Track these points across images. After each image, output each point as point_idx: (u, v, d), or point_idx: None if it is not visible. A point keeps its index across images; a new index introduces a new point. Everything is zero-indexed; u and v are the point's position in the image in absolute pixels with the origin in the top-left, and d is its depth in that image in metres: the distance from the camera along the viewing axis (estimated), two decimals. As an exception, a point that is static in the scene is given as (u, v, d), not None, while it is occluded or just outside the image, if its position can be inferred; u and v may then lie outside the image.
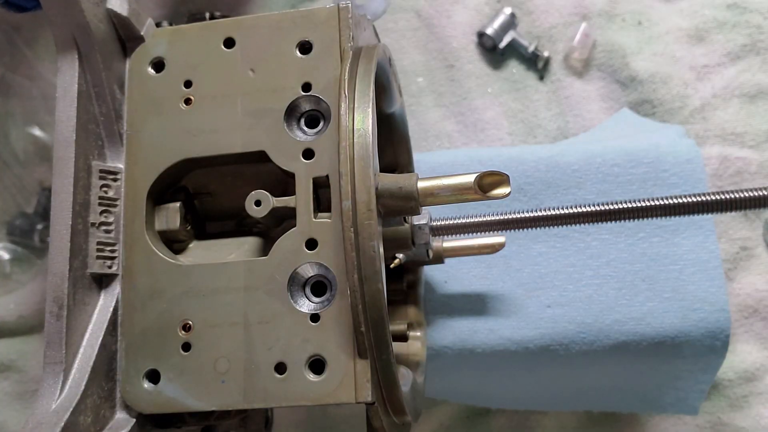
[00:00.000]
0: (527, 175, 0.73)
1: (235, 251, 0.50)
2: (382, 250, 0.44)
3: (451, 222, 0.61)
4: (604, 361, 0.70)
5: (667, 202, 0.55)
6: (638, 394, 0.75)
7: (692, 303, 0.68)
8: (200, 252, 0.51)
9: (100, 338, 0.46)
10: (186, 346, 0.46)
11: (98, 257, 0.48)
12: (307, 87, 0.48)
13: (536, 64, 0.92)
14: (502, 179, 0.42)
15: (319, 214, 0.47)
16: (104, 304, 0.48)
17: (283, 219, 0.49)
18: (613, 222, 0.57)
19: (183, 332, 0.47)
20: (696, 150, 0.73)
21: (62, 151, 0.47)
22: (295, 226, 0.46)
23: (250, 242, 0.51)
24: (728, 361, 0.74)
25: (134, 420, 0.46)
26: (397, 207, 0.44)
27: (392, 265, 0.61)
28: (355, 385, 0.43)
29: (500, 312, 0.71)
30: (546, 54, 0.91)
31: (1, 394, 0.86)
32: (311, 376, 0.44)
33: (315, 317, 0.45)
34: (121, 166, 0.50)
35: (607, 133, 0.85)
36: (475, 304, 0.72)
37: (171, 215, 0.49)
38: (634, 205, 0.56)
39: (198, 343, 0.46)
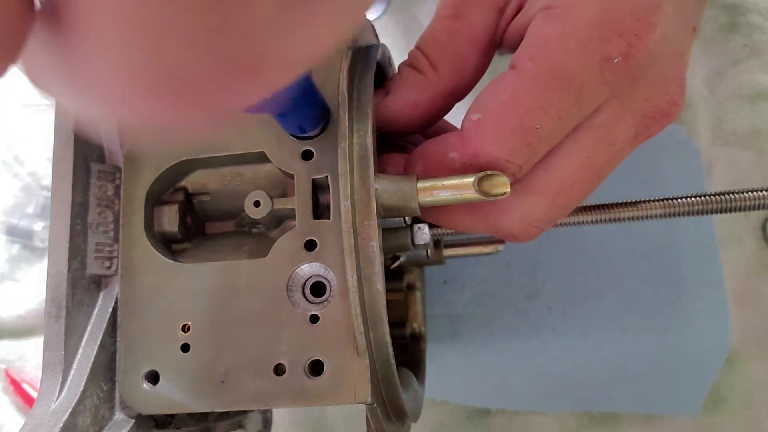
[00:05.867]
0: (527, 175, 0.73)
1: (234, 252, 0.50)
2: (381, 250, 0.43)
3: (450, 222, 0.61)
4: (604, 360, 0.70)
5: (667, 202, 0.55)
6: (638, 394, 0.75)
7: (692, 302, 0.68)
8: (199, 252, 0.51)
9: (99, 339, 0.46)
10: (185, 347, 0.46)
11: (97, 258, 0.47)
12: (306, 87, 0.48)
13: (536, 63, 0.91)
14: (502, 179, 0.41)
15: (319, 215, 0.46)
16: (103, 304, 0.48)
17: (283, 220, 0.48)
18: (612, 222, 0.57)
19: (182, 333, 0.46)
20: (696, 150, 0.73)
21: (61, 151, 0.47)
22: (294, 226, 0.46)
23: (250, 243, 0.50)
24: (729, 361, 0.74)
25: (133, 421, 0.46)
26: (397, 207, 0.44)
27: (392, 266, 0.60)
28: (355, 386, 0.43)
29: (500, 312, 0.71)
30: (546, 54, 0.91)
31: (1, 393, 0.86)
32: (310, 377, 0.44)
33: (314, 318, 0.45)
34: (119, 166, 0.50)
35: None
36: (475, 305, 0.72)
37: (170, 216, 0.49)
38: (634, 206, 0.56)
39: (197, 344, 0.46)
